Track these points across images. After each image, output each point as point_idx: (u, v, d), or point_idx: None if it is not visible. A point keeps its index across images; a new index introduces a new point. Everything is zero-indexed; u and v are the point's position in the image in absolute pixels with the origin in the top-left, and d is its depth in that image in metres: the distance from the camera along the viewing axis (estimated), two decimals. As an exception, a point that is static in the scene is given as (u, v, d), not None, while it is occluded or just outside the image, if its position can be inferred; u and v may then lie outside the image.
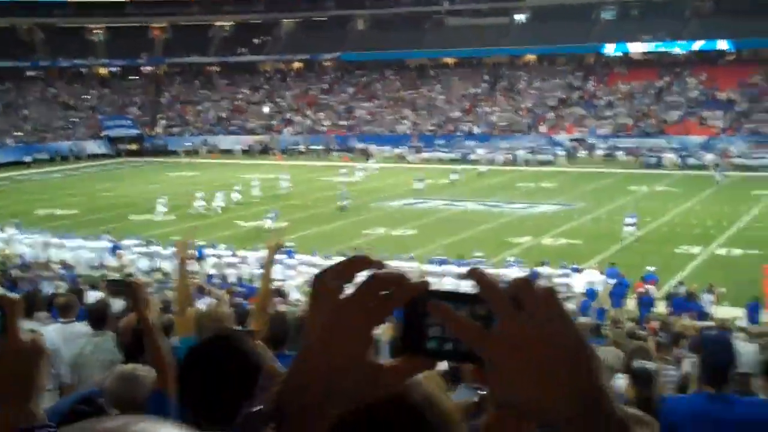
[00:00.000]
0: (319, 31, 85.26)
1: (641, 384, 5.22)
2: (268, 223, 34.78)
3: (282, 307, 9.16)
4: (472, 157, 61.58)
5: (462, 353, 1.07)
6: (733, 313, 20.99)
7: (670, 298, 22.97)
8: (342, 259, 1.12)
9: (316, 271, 1.42)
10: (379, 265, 1.10)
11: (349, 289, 1.09)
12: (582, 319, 18.87)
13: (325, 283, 1.10)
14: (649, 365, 5.77)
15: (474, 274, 1.06)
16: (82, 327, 7.73)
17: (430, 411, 1.29)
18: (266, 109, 79.66)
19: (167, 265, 27.26)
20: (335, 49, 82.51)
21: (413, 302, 1.08)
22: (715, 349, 4.80)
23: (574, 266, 26.04)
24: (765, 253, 29.11)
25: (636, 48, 73.63)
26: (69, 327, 7.97)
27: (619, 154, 60.39)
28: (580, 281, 24.57)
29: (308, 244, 30.22)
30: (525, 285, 1.04)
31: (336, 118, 76.55)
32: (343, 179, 49.60)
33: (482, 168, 55.15)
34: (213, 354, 2.48)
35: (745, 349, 10.15)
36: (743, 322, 19.61)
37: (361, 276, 1.10)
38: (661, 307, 22.30)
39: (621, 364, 6.90)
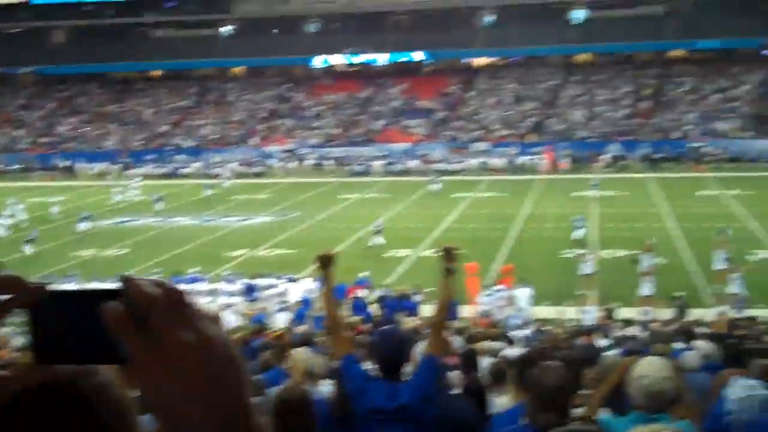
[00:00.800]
0: (13, 44, 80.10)
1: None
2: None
3: None
4: (185, 171, 60.71)
5: (106, 355, 1.01)
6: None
7: (381, 300, 23.75)
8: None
9: None
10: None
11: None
12: (300, 328, 19.15)
13: None
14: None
15: (124, 278, 0.99)
16: None
17: (99, 399, 1.21)
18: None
19: None
20: (32, 63, 77.95)
21: (38, 306, 1.02)
22: (385, 343, 5.04)
23: (290, 276, 26.27)
24: (466, 252, 30.97)
25: (340, 60, 75.89)
26: None
27: (329, 163, 62.06)
28: (297, 291, 24.83)
29: (18, 269, 28.18)
30: (144, 296, 0.98)
31: (36, 135, 72.31)
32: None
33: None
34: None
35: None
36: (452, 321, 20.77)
37: None
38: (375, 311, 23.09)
39: (328, 370, 7.01)
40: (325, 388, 6.52)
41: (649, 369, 4.31)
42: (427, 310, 22.40)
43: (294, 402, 4.49)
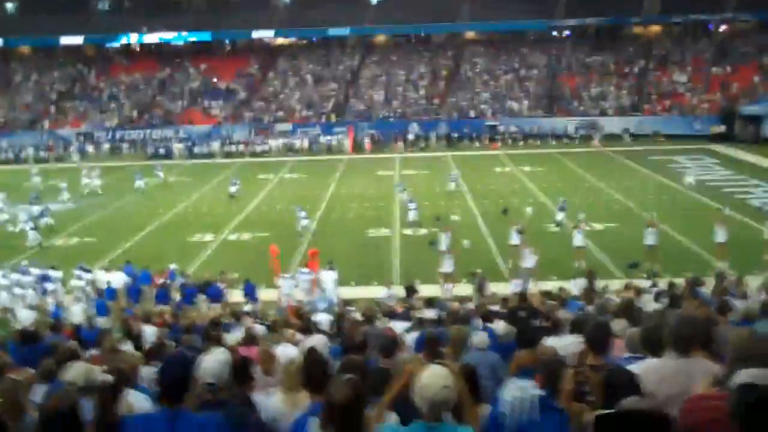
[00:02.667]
0: None
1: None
2: None
3: None
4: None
5: None
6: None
7: (183, 288, 23.32)
8: None
9: None
10: None
11: None
12: (101, 320, 18.56)
13: None
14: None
15: None
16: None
17: None
18: None
19: None
20: None
21: None
22: (170, 366, 4.89)
23: (83, 266, 25.21)
24: (271, 233, 30.99)
25: (136, 39, 73.33)
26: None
27: (126, 146, 60.14)
28: (101, 280, 23.89)
29: None
30: None
31: None
32: None
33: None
34: None
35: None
36: (248, 306, 20.68)
37: None
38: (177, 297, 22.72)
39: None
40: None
41: (431, 379, 4.46)
42: (235, 296, 22.28)
43: (61, 413, 4.33)
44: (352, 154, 55.55)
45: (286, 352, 9.42)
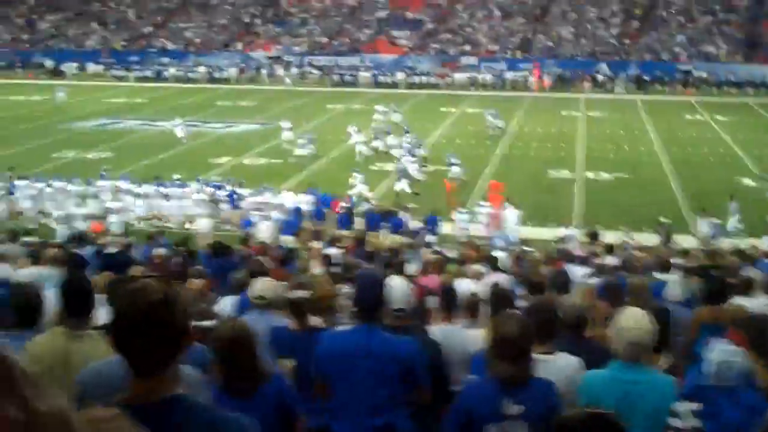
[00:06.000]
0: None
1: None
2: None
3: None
4: (166, 74, 60.05)
5: None
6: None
7: (367, 214, 23.67)
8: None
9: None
10: None
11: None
12: (286, 239, 19.14)
13: None
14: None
15: None
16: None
17: None
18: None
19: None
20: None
21: None
22: (365, 285, 4.97)
23: (268, 187, 25.91)
24: (446, 167, 30.86)
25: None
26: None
27: (314, 72, 61.28)
28: (286, 201, 24.55)
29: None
30: None
31: (17, 31, 70.81)
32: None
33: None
34: None
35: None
36: (431, 237, 20.77)
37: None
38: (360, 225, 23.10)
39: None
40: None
41: (631, 321, 4.52)
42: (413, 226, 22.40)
43: (235, 338, 4.44)
44: (536, 91, 54.49)
45: (467, 286, 9.41)
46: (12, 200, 25.47)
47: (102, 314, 5.29)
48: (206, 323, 5.26)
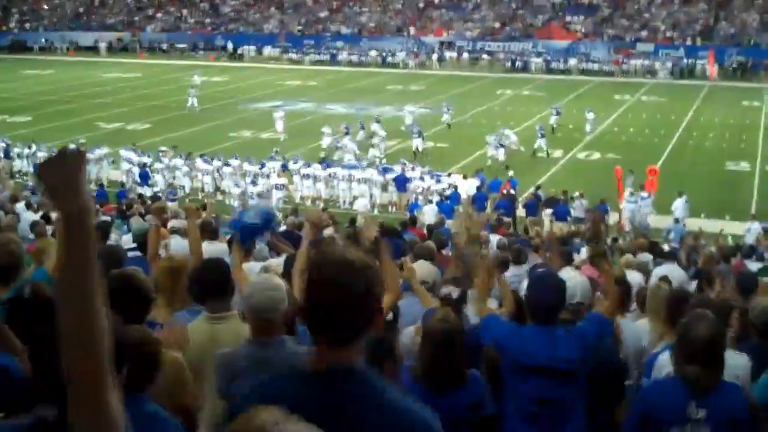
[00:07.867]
0: None
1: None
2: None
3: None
4: (340, 58, 61.31)
5: None
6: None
7: (530, 200, 23.42)
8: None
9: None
10: None
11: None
12: (450, 223, 19.14)
13: None
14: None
15: None
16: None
17: None
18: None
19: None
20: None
21: None
22: (546, 287, 4.78)
23: (434, 171, 25.98)
24: (622, 156, 30.13)
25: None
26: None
27: (486, 57, 60.92)
28: (456, 184, 24.58)
29: (185, 146, 29.19)
30: None
31: (200, 15, 74.04)
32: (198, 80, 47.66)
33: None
34: None
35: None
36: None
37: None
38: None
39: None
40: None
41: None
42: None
43: (446, 333, 4.44)
44: (715, 80, 52.16)
45: (636, 278, 9.19)
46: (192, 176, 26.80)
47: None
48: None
